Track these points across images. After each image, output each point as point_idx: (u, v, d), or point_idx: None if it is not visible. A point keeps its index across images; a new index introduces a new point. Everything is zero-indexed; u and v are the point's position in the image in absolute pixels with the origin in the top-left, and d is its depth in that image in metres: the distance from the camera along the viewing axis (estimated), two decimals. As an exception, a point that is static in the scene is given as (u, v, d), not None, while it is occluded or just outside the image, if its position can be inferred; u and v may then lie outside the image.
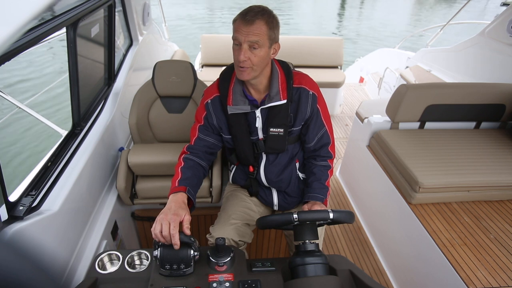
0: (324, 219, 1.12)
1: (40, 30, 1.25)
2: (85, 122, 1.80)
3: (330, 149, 1.49)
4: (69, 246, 1.41)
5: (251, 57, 1.20)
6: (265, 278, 1.11)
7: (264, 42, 1.21)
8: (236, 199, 1.59)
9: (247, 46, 1.19)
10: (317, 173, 1.47)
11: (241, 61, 1.20)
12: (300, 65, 4.16)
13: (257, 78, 1.30)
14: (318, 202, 1.40)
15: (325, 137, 1.46)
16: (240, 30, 1.18)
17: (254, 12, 1.19)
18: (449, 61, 3.73)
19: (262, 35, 1.19)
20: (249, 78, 1.26)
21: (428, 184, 1.83)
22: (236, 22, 1.22)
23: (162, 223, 1.08)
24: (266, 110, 1.37)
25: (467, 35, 3.53)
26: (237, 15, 1.23)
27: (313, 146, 1.47)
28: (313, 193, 1.43)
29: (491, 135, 2.31)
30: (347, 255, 2.33)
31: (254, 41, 1.18)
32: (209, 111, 1.41)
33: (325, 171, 1.48)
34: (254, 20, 1.17)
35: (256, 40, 1.18)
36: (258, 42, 1.19)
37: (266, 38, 1.21)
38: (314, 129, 1.44)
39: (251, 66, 1.22)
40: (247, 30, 1.17)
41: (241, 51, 1.19)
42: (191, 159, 1.39)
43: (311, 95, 1.38)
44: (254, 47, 1.20)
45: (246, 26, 1.17)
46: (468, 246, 1.65)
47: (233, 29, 1.22)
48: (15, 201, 1.23)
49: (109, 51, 2.11)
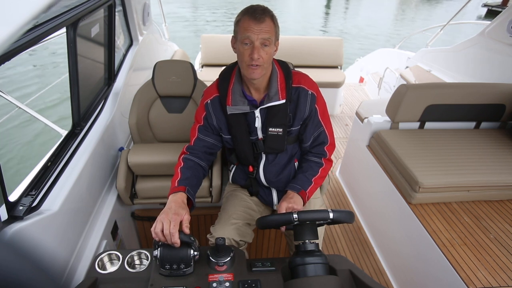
0: (324, 219, 1.12)
1: (40, 30, 1.25)
2: (85, 122, 1.80)
3: (326, 149, 1.48)
4: (69, 246, 1.41)
5: (263, 55, 1.21)
6: (265, 278, 1.11)
7: (273, 39, 1.23)
8: (237, 199, 1.59)
9: (259, 44, 1.20)
10: (304, 167, 1.47)
11: (255, 59, 1.20)
12: (300, 65, 4.16)
13: (261, 77, 1.30)
14: (293, 193, 1.37)
15: (322, 136, 1.46)
16: (252, 29, 1.18)
17: (261, 10, 1.20)
18: (449, 61, 3.73)
19: (271, 32, 1.21)
20: (260, 76, 1.27)
21: (428, 184, 1.83)
22: (242, 21, 1.21)
23: (163, 222, 1.09)
24: (265, 110, 1.37)
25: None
26: (240, 15, 1.23)
27: (309, 145, 1.47)
28: (293, 183, 1.42)
29: (491, 135, 2.31)
30: (347, 255, 2.33)
31: (266, 38, 1.19)
32: (209, 111, 1.41)
33: (315, 167, 1.46)
34: (264, 18, 1.19)
35: (268, 37, 1.20)
36: (269, 39, 1.20)
37: (274, 35, 1.23)
38: (311, 129, 1.43)
39: (263, 64, 1.23)
40: (259, 28, 1.18)
41: (254, 49, 1.19)
42: (191, 160, 1.39)
43: (310, 94, 1.38)
44: (265, 44, 1.21)
45: (257, 24, 1.18)
46: (468, 246, 1.65)
47: (241, 29, 1.21)
48: (15, 201, 1.23)
49: (109, 51, 2.11)
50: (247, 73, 1.26)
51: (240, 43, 1.23)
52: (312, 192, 1.45)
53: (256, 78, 1.26)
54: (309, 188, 1.42)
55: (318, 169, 1.47)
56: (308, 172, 1.45)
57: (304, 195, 1.40)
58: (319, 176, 1.46)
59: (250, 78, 1.28)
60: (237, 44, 1.26)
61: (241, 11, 1.24)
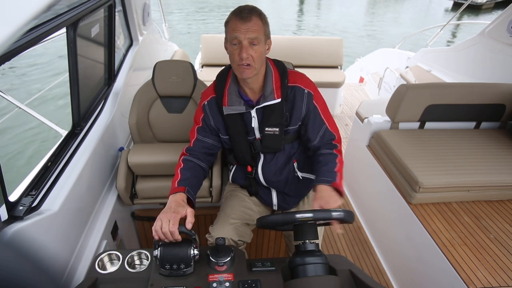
0: (324, 219, 1.12)
1: (40, 30, 1.25)
2: (85, 122, 1.80)
3: (335, 142, 1.45)
4: (69, 246, 1.41)
5: (252, 53, 1.21)
6: (265, 278, 1.11)
7: (261, 37, 1.23)
8: (236, 199, 1.59)
9: (247, 43, 1.20)
10: (322, 160, 1.40)
11: (244, 58, 1.20)
12: (300, 65, 4.16)
13: (254, 77, 1.30)
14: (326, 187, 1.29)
15: (327, 133, 1.44)
16: (239, 29, 1.19)
17: (248, 10, 1.21)
18: (449, 61, 3.73)
19: (259, 30, 1.21)
20: (252, 75, 1.27)
21: (428, 184, 1.83)
22: (231, 22, 1.22)
23: (162, 221, 1.10)
24: (261, 109, 1.37)
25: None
26: (229, 16, 1.25)
27: (317, 143, 1.44)
28: (321, 176, 1.34)
29: (491, 135, 2.31)
30: (347, 255, 2.33)
31: (253, 37, 1.20)
32: (206, 112, 1.42)
33: (333, 159, 1.40)
34: (251, 17, 1.19)
35: (256, 36, 1.20)
36: (257, 38, 1.21)
37: (263, 33, 1.23)
38: (314, 128, 1.42)
39: (253, 63, 1.23)
40: (246, 28, 1.19)
41: (242, 49, 1.20)
42: (191, 161, 1.39)
43: (306, 93, 1.37)
44: (254, 43, 1.21)
45: (244, 23, 1.19)
46: (468, 246, 1.65)
47: (229, 30, 1.23)
48: (15, 201, 1.23)
49: (109, 51, 2.11)
50: (238, 72, 1.27)
51: (229, 44, 1.24)
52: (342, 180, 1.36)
53: (247, 77, 1.26)
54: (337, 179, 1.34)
55: (336, 160, 1.41)
56: (330, 163, 1.38)
57: (338, 186, 1.32)
58: (338, 166, 1.39)
59: (241, 78, 1.28)
60: (227, 45, 1.27)
61: (231, 12, 1.25)
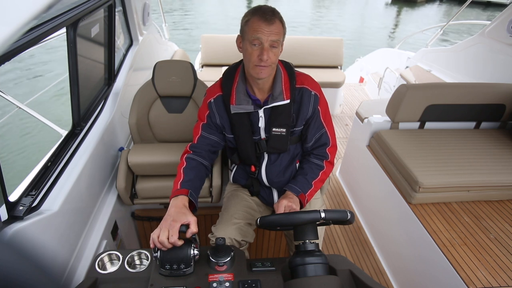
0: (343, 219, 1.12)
1: (40, 30, 1.25)
2: (85, 122, 1.80)
3: (328, 151, 1.48)
4: (69, 246, 1.41)
5: (271, 56, 1.22)
6: (265, 278, 1.11)
7: (281, 41, 1.25)
8: (238, 198, 1.59)
9: (268, 45, 1.21)
10: (305, 168, 1.47)
11: (264, 60, 1.21)
12: (300, 65, 4.16)
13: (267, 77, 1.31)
14: (292, 195, 1.38)
15: (324, 138, 1.46)
16: (262, 30, 1.19)
17: (271, 12, 1.21)
18: (449, 61, 3.73)
19: (280, 34, 1.23)
20: (268, 75, 1.28)
21: (428, 184, 1.83)
22: (252, 22, 1.21)
23: (160, 229, 1.08)
24: (269, 110, 1.37)
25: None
26: (249, 14, 1.23)
27: (310, 146, 1.47)
28: (292, 184, 1.42)
29: (491, 135, 2.31)
30: (347, 255, 2.33)
31: (275, 40, 1.21)
32: (212, 110, 1.41)
33: (315, 170, 1.46)
34: (274, 20, 1.20)
35: (277, 39, 1.21)
36: (278, 41, 1.22)
37: (282, 37, 1.25)
38: (313, 129, 1.44)
39: (271, 65, 1.25)
40: (269, 30, 1.19)
41: (263, 51, 1.21)
42: (194, 159, 1.38)
43: (313, 95, 1.39)
44: (274, 46, 1.22)
45: (268, 26, 1.19)
46: (468, 246, 1.65)
47: (250, 29, 1.21)
48: (15, 201, 1.23)
49: (109, 51, 2.11)
50: (254, 72, 1.26)
51: (248, 43, 1.23)
52: (312, 196, 1.45)
53: (263, 77, 1.27)
54: (308, 192, 1.42)
55: (319, 172, 1.47)
56: (309, 175, 1.44)
57: (304, 198, 1.40)
58: (319, 179, 1.46)
59: (257, 78, 1.28)
60: (244, 43, 1.26)
61: (250, 11, 1.24)
